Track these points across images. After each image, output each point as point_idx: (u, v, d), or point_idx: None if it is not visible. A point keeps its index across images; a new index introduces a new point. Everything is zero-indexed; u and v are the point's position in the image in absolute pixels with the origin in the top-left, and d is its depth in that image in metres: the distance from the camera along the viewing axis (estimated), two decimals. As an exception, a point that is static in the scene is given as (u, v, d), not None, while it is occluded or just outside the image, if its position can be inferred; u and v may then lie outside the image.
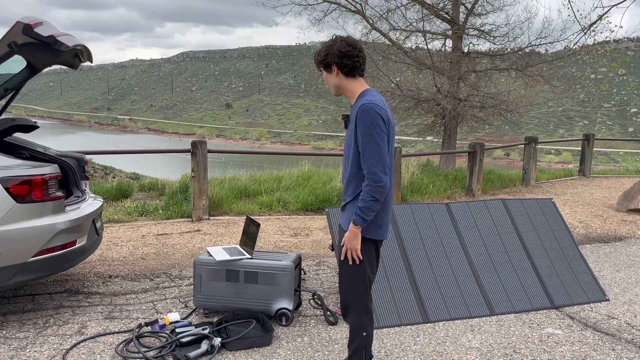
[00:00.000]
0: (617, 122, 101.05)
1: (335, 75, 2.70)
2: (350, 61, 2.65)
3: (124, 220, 6.97)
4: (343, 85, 2.72)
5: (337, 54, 2.65)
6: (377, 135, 2.54)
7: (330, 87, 2.79)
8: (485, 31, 11.95)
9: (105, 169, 29.43)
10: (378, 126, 2.54)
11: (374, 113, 2.53)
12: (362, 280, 2.72)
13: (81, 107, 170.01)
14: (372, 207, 2.55)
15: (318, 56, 2.73)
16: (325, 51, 2.69)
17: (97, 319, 3.88)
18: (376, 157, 2.53)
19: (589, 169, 12.71)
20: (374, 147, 2.53)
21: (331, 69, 2.70)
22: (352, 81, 2.71)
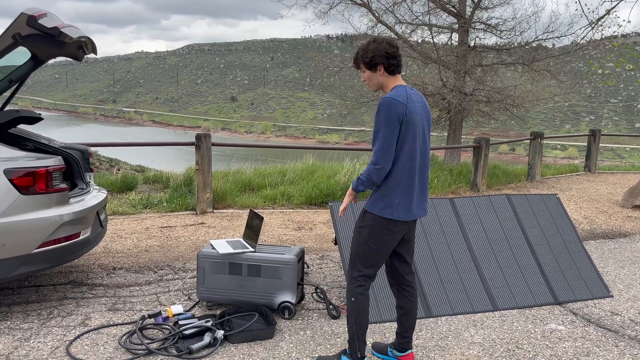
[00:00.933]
0: (624, 118, 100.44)
1: (380, 74, 2.96)
2: (395, 61, 2.94)
3: (129, 213, 6.99)
4: (385, 82, 2.98)
5: (384, 55, 2.90)
6: (384, 126, 2.81)
7: (370, 85, 3.04)
8: (492, 25, 11.86)
9: (111, 161, 29.56)
10: (390, 119, 2.80)
11: (389, 107, 2.80)
12: (363, 253, 2.97)
13: (87, 99, 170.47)
14: (366, 183, 2.88)
15: (364, 57, 2.95)
16: (372, 53, 2.92)
17: (101, 310, 3.90)
18: (380, 144, 2.82)
19: (594, 164, 12.64)
20: (381, 136, 2.82)
21: (376, 69, 2.95)
22: (392, 78, 2.98)
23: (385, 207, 2.88)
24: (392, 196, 2.88)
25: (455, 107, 11.51)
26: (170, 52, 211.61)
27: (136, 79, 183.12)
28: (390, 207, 2.88)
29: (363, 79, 3.04)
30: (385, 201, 2.88)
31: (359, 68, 3.03)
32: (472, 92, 11.68)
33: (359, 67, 3.02)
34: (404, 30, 12.23)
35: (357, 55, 3.00)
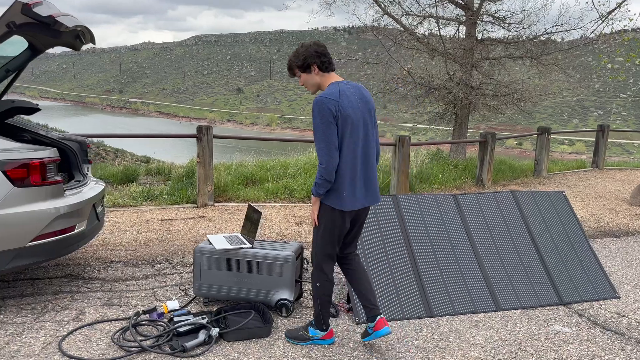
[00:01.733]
0: (633, 113, 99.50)
1: (315, 74, 3.11)
2: (326, 59, 3.09)
3: (129, 205, 6.93)
4: (322, 81, 3.12)
5: (314, 55, 3.07)
6: (321, 124, 2.96)
7: (309, 87, 3.17)
8: (500, 18, 11.65)
9: (117, 151, 29.60)
10: (324, 117, 2.95)
11: (320, 105, 2.95)
12: (323, 243, 3.17)
13: (94, 89, 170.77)
14: (323, 185, 3.01)
15: (296, 61, 3.11)
16: (303, 55, 3.08)
17: (96, 305, 3.84)
18: (322, 144, 2.97)
19: (602, 160, 12.47)
20: (319, 134, 2.98)
21: (311, 69, 3.10)
22: (327, 76, 3.12)
23: (335, 198, 3.07)
24: (341, 189, 3.05)
25: (462, 101, 11.35)
26: (177, 43, 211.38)
27: (143, 69, 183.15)
28: (339, 198, 3.06)
29: (300, 84, 3.19)
30: (334, 194, 3.07)
31: (295, 75, 3.18)
32: (479, 86, 11.50)
33: (294, 73, 3.17)
34: (411, 22, 12.06)
35: (290, 63, 3.15)
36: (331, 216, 3.12)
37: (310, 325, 3.36)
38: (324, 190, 3.05)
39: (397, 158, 7.69)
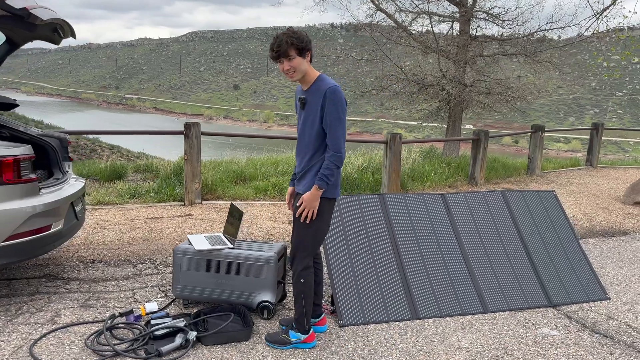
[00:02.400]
0: (629, 111, 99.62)
1: (307, 60, 3.02)
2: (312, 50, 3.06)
3: (115, 203, 6.82)
4: (307, 70, 3.04)
5: (309, 41, 3.01)
6: (342, 113, 2.98)
7: (296, 73, 3.00)
8: (494, 14, 11.55)
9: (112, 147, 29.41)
10: (343, 106, 2.99)
11: (341, 95, 2.97)
12: (321, 236, 3.16)
13: (89, 85, 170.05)
14: (334, 174, 3.02)
15: (299, 42, 2.94)
16: (306, 39, 2.98)
17: (72, 307, 3.73)
18: (341, 132, 2.98)
19: (596, 159, 12.40)
20: (339, 123, 2.97)
21: (304, 55, 3.00)
22: (312, 67, 3.08)
23: (334, 188, 3.11)
24: (338, 177, 3.11)
25: (455, 99, 11.25)
26: (173, 39, 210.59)
27: (139, 65, 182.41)
28: (336, 187, 3.13)
29: (287, 68, 2.97)
30: (336, 183, 3.11)
31: (287, 56, 2.94)
32: (473, 84, 11.40)
33: (287, 54, 2.94)
34: (404, 19, 11.94)
35: (290, 41, 2.91)
36: (329, 207, 3.13)
37: (291, 328, 3.26)
38: (333, 180, 3.03)
39: (389, 156, 7.60)
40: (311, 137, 3.07)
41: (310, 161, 3.11)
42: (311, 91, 3.05)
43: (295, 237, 3.16)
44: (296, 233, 3.15)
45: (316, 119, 3.02)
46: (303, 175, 3.16)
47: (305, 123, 3.10)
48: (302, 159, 3.16)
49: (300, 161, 3.19)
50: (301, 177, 3.18)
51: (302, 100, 3.11)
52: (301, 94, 3.15)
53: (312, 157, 3.10)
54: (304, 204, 3.05)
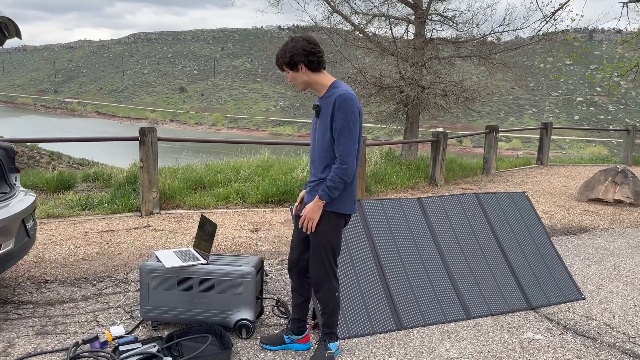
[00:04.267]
0: (564, 111, 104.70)
1: (302, 72, 2.92)
2: (315, 58, 2.89)
3: (65, 215, 6.36)
4: (312, 80, 2.94)
5: (302, 53, 2.86)
6: (352, 123, 2.83)
7: (297, 84, 3.00)
8: (448, 17, 11.71)
9: (52, 154, 27.93)
10: (354, 115, 2.84)
11: (352, 103, 2.82)
12: (335, 255, 3.03)
13: (26, 89, 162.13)
14: (339, 187, 2.86)
15: (283, 58, 2.91)
16: (290, 52, 2.87)
17: (28, 334, 3.37)
18: (350, 143, 2.84)
19: (546, 157, 12.80)
20: (349, 133, 2.83)
21: (298, 68, 2.91)
22: (319, 75, 2.94)
23: (352, 203, 2.99)
24: (354, 191, 2.98)
25: (413, 100, 11.31)
26: (115, 41, 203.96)
27: (79, 68, 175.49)
28: (354, 202, 3.00)
29: (290, 80, 3.02)
30: (348, 197, 2.96)
31: (283, 70, 2.99)
32: (430, 85, 11.51)
33: (283, 69, 2.98)
34: (360, 21, 11.92)
35: (277, 57, 2.96)
36: (337, 222, 2.99)
37: (327, 342, 3.12)
38: (337, 194, 2.88)
39: (353, 159, 7.47)
40: (323, 147, 2.93)
41: (322, 172, 2.96)
42: (324, 98, 2.93)
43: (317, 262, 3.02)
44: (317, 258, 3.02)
45: (327, 127, 2.88)
46: (315, 187, 3.01)
47: (318, 132, 2.96)
48: (316, 169, 3.02)
49: (314, 172, 3.04)
50: (312, 189, 3.04)
51: (316, 107, 2.98)
52: (317, 102, 3.02)
53: (325, 169, 2.94)
54: (305, 214, 2.95)
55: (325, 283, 3.02)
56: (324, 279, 3.01)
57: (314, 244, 3.00)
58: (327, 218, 2.94)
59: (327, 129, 2.88)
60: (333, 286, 3.04)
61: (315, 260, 3.00)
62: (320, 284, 3.03)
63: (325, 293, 3.04)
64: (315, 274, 3.02)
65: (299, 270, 3.18)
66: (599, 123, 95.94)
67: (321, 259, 2.99)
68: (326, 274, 3.01)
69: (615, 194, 8.31)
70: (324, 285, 3.03)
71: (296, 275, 3.20)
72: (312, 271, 3.03)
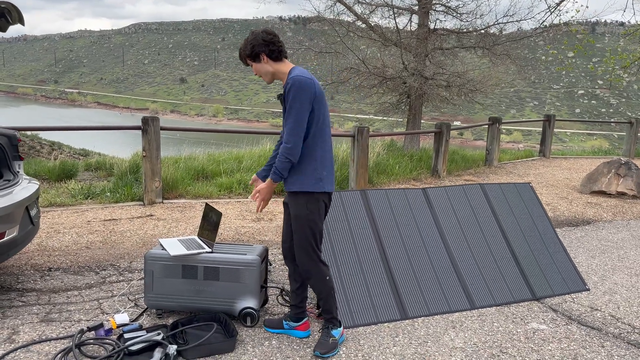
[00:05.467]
0: (565, 103, 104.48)
1: (265, 62, 3.01)
2: (275, 47, 2.98)
3: (67, 204, 6.34)
4: (275, 69, 3.02)
5: (262, 44, 2.96)
6: (299, 103, 2.86)
7: (262, 76, 3.07)
8: (451, 7, 11.62)
9: (53, 144, 27.88)
10: (301, 97, 2.86)
11: (300, 85, 2.86)
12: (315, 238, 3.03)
13: (26, 79, 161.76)
14: (286, 167, 2.92)
15: (245, 51, 3.02)
16: (250, 44, 2.98)
17: (32, 322, 3.36)
18: (295, 124, 2.87)
19: (549, 149, 12.77)
20: (295, 114, 2.87)
21: (260, 59, 3.00)
22: (281, 64, 3.03)
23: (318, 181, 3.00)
24: (320, 169, 3.00)
25: (416, 92, 11.25)
26: (116, 31, 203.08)
27: (79, 58, 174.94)
28: (321, 180, 3.01)
29: (255, 73, 3.09)
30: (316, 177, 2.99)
31: (247, 64, 3.08)
32: (433, 76, 11.44)
33: (247, 63, 3.07)
34: (363, 11, 11.84)
35: (240, 52, 3.06)
36: (312, 201, 3.00)
37: (332, 329, 3.14)
38: (286, 173, 2.96)
39: (356, 150, 7.45)
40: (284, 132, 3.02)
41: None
42: (284, 86, 3.00)
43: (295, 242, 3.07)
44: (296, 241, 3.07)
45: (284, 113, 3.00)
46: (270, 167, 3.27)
47: (283, 119, 3.06)
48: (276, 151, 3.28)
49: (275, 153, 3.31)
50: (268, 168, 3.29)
51: (280, 96, 3.05)
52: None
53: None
54: (258, 192, 3.08)
55: (313, 269, 3.05)
56: (310, 265, 3.05)
57: (293, 229, 3.05)
58: (295, 199, 3.01)
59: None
60: (321, 270, 3.07)
61: (298, 247, 3.05)
62: (308, 271, 3.07)
63: (315, 280, 3.08)
64: (300, 260, 3.06)
65: (292, 257, 3.24)
66: (600, 116, 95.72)
67: (302, 244, 3.02)
68: (310, 258, 3.04)
69: (618, 186, 8.29)
70: (312, 271, 3.06)
71: (291, 262, 3.26)
72: (297, 258, 3.08)
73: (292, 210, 3.04)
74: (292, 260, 3.25)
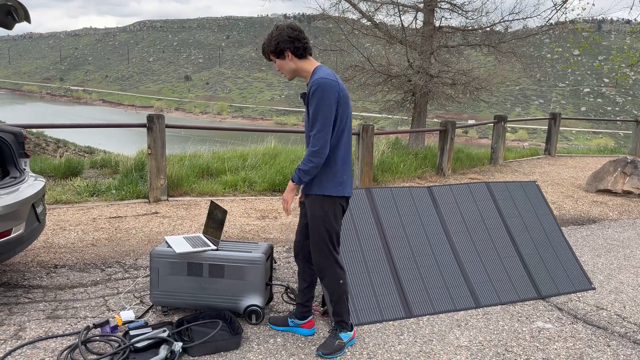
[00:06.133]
0: (571, 102, 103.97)
1: (289, 60, 2.93)
2: (301, 44, 2.90)
3: (73, 201, 6.37)
4: (298, 67, 2.95)
5: (288, 40, 2.88)
6: (325, 107, 2.80)
7: (285, 73, 2.99)
8: (457, 5, 11.59)
9: (58, 142, 27.98)
10: (327, 100, 2.80)
11: (326, 88, 2.80)
12: (332, 240, 2.99)
13: (31, 76, 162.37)
14: (310, 171, 2.87)
15: (269, 47, 2.94)
16: (275, 40, 2.90)
17: (38, 318, 3.38)
18: (322, 127, 2.81)
19: (554, 148, 12.72)
20: (321, 118, 2.81)
21: (284, 55, 2.92)
22: (305, 61, 2.95)
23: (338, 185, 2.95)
24: (341, 173, 2.95)
25: (421, 90, 11.23)
26: (120, 29, 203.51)
27: (84, 56, 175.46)
28: (341, 184, 2.97)
29: (278, 69, 3.02)
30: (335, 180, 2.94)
31: (270, 60, 3.01)
32: (438, 74, 11.41)
33: (270, 58, 3.00)
34: (369, 9, 11.81)
35: (264, 47, 2.98)
36: (329, 204, 2.95)
37: (338, 331, 3.12)
38: (308, 178, 2.90)
39: (361, 148, 7.45)
40: (307, 133, 2.98)
41: None
42: (308, 85, 2.93)
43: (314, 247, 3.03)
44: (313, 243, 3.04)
45: (308, 114, 2.92)
46: None
47: (305, 119, 3.02)
48: None
49: None
50: None
51: (302, 96, 2.99)
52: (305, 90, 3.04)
53: None
54: (283, 197, 3.03)
55: (327, 269, 3.02)
56: (325, 265, 3.02)
57: (310, 231, 3.01)
58: (313, 202, 2.96)
59: (308, 116, 2.92)
60: (336, 272, 3.04)
61: (314, 247, 3.01)
62: (323, 271, 3.04)
63: (329, 280, 3.05)
64: (316, 261, 3.03)
65: (303, 256, 3.22)
66: (606, 114, 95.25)
67: (319, 245, 2.99)
68: (326, 260, 3.01)
69: (624, 185, 8.25)
70: (326, 272, 3.03)
71: (301, 260, 3.24)
72: (313, 258, 3.05)
73: (309, 210, 3.00)
74: (302, 259, 3.22)
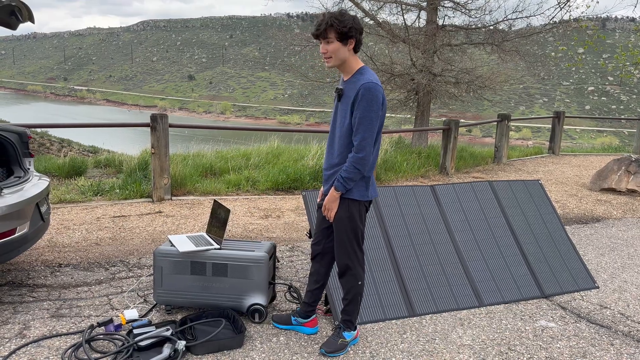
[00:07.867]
0: (575, 100, 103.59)
1: (348, 48, 2.78)
2: (361, 38, 2.82)
3: (77, 201, 6.39)
4: (349, 59, 2.82)
5: (359, 30, 2.76)
6: (374, 113, 2.73)
7: (332, 59, 2.79)
8: (460, 3, 11.56)
9: (62, 141, 28.09)
10: (377, 105, 2.74)
11: (376, 93, 2.72)
12: (357, 240, 2.98)
13: (36, 76, 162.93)
14: (354, 177, 2.80)
15: (341, 26, 2.71)
16: (350, 24, 2.72)
17: (43, 317, 3.40)
18: (368, 133, 2.74)
19: (558, 146, 12.68)
20: (369, 123, 2.73)
21: (347, 42, 2.76)
22: (355, 57, 2.85)
23: (366, 189, 2.93)
24: (371, 178, 2.96)
25: (424, 88, 11.21)
26: (124, 28, 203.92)
27: (88, 55, 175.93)
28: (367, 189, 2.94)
29: (323, 51, 2.80)
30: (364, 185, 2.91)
31: (325, 37, 2.76)
32: (441, 73, 11.40)
33: (327, 36, 2.75)
34: (372, 7, 11.80)
35: (331, 22, 2.70)
36: (357, 209, 2.92)
37: (344, 330, 3.11)
38: (352, 185, 2.84)
39: (363, 147, 7.43)
40: (341, 132, 2.85)
41: (337, 158, 2.91)
42: (349, 83, 2.83)
43: (341, 248, 2.99)
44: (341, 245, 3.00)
45: (347, 114, 2.80)
46: (331, 176, 2.97)
47: (338, 116, 2.90)
48: (331, 157, 2.96)
49: (329, 159, 2.99)
50: (328, 178, 3.00)
51: (339, 91, 2.88)
52: (340, 85, 2.92)
53: (340, 155, 2.89)
54: (325, 204, 2.94)
55: (350, 269, 3.00)
56: (349, 265, 3.00)
57: (335, 232, 2.98)
58: (342, 205, 2.91)
59: (347, 115, 2.81)
60: (358, 273, 3.01)
61: (339, 247, 2.99)
62: (345, 270, 3.02)
63: (349, 279, 3.02)
64: (341, 261, 3.01)
65: (320, 258, 3.18)
66: (610, 113, 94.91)
67: (344, 246, 2.96)
68: (351, 260, 2.99)
69: (628, 184, 8.22)
70: (348, 271, 3.01)
71: (317, 262, 3.19)
72: (338, 258, 3.02)
73: (337, 214, 2.94)
74: (318, 260, 3.18)
